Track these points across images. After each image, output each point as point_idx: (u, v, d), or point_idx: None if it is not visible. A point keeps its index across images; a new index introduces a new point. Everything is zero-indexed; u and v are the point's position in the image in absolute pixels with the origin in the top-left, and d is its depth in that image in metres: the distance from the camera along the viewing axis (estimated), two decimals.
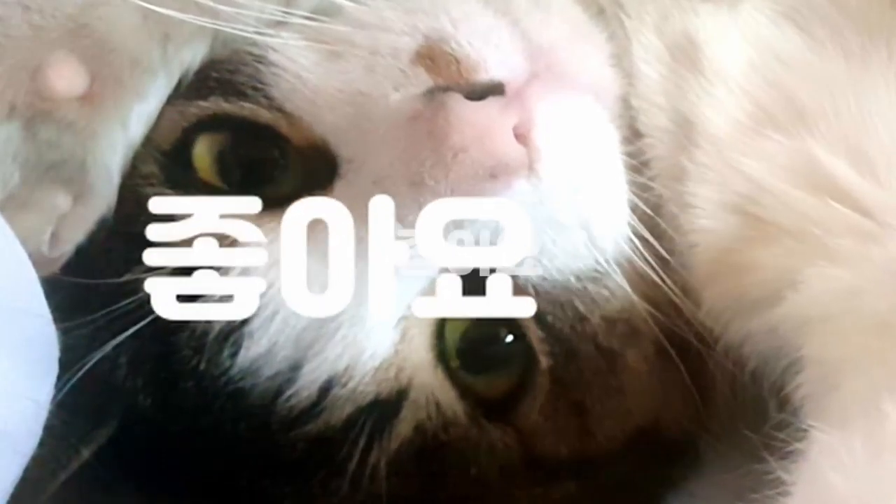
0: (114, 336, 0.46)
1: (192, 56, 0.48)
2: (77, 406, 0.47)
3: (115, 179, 0.48)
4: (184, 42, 0.48)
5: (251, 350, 0.47)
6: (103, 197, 0.48)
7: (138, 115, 0.48)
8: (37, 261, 0.45)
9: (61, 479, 0.47)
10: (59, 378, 0.46)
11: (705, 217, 0.50)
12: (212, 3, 0.46)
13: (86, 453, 0.48)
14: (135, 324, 0.46)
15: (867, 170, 0.47)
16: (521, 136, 0.45)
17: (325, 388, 0.47)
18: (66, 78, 0.46)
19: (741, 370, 0.50)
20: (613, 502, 0.54)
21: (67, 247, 0.47)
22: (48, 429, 0.45)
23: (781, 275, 0.47)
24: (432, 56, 0.47)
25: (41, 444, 0.45)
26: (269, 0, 0.48)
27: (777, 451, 0.44)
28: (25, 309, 0.44)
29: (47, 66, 0.46)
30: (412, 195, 0.44)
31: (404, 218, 0.44)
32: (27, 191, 0.47)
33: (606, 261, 0.49)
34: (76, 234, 0.47)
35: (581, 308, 0.49)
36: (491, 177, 0.44)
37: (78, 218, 0.48)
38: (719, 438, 0.54)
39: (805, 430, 0.45)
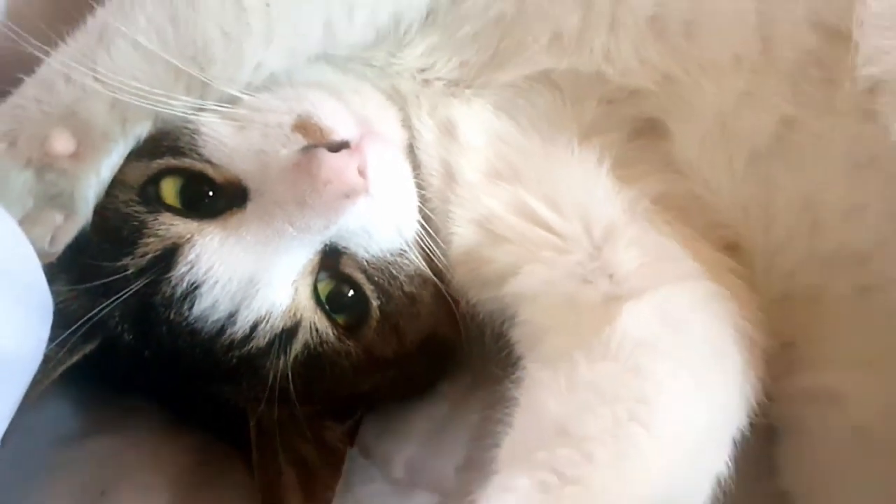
0: (108, 297, 0.57)
1: (141, 129, 0.59)
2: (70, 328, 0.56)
3: (91, 206, 0.58)
4: (136, 121, 0.58)
5: (201, 304, 0.58)
6: (84, 216, 0.59)
7: (107, 166, 0.59)
8: (40, 254, 0.55)
9: (55, 376, 0.57)
10: (68, 327, 0.55)
11: (459, 226, 0.63)
12: (151, 97, 0.55)
13: (74, 358, 0.58)
14: (122, 290, 0.57)
15: (556, 208, 0.61)
16: (361, 172, 0.57)
17: (254, 326, 0.59)
18: (62, 143, 0.56)
19: (474, 317, 0.64)
20: (414, 381, 0.67)
21: (60, 246, 0.58)
22: (50, 339, 0.54)
23: (505, 268, 0.62)
24: (304, 126, 0.59)
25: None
26: (190, 94, 0.58)
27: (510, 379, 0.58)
28: (30, 282, 0.53)
29: (51, 136, 0.56)
30: (298, 210, 0.56)
31: (294, 223, 0.57)
32: (36, 212, 0.57)
33: (407, 244, 0.62)
34: (65, 239, 0.58)
35: (394, 271, 0.62)
36: (346, 197, 0.56)
37: (67, 229, 0.58)
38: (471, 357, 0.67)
39: (517, 363, 0.59)
